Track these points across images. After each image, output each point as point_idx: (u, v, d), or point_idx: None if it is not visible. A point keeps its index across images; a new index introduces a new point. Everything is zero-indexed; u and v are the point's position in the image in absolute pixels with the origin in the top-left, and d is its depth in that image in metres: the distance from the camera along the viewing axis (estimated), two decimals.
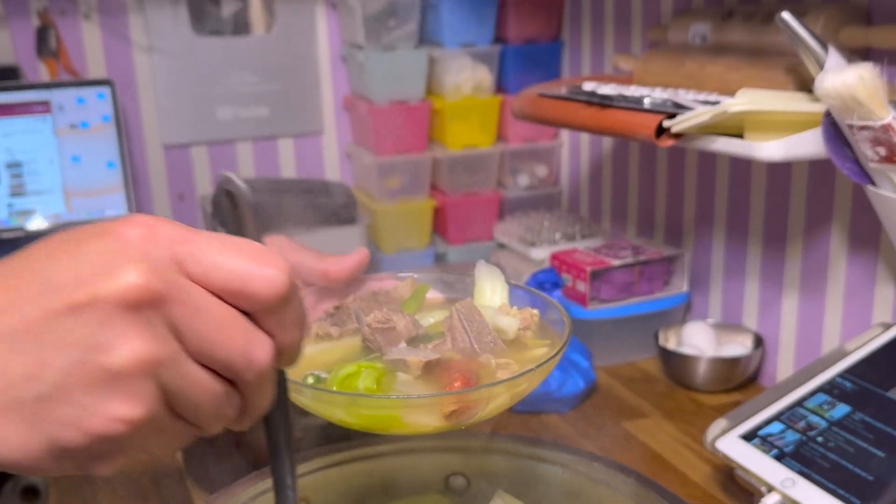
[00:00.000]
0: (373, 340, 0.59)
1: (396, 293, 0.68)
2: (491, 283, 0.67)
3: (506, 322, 0.61)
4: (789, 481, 0.80)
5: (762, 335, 1.14)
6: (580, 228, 1.39)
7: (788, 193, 1.08)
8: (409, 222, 1.47)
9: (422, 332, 0.62)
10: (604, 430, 1.06)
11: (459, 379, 0.55)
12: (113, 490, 0.99)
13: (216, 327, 0.35)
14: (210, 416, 0.37)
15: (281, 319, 0.37)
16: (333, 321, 0.65)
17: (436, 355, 0.57)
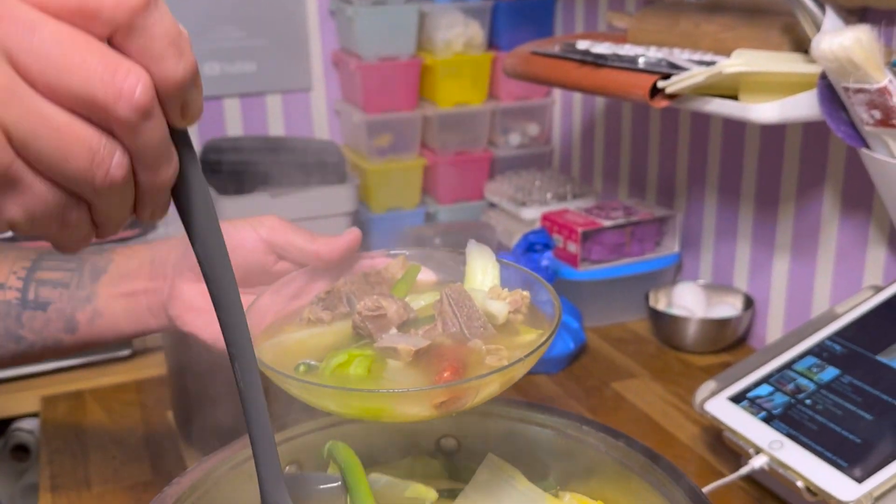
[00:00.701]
0: (363, 328, 0.59)
1: (388, 273, 0.67)
2: (482, 262, 0.65)
3: (496, 307, 0.60)
4: (777, 443, 0.80)
5: (752, 296, 1.14)
6: (571, 188, 1.38)
7: (782, 155, 1.08)
8: (398, 181, 1.46)
9: (413, 315, 0.61)
10: (593, 390, 1.07)
11: (448, 369, 0.54)
12: (104, 449, 1.00)
13: (59, 48, 0.28)
14: (80, 170, 0.29)
15: (146, 43, 0.30)
16: (325, 305, 0.64)
17: (426, 342, 0.57)
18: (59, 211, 0.31)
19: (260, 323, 0.63)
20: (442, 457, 0.74)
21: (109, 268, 0.70)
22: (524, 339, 0.60)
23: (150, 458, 0.98)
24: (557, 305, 0.61)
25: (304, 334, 0.63)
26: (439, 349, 0.57)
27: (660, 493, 0.64)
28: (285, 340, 0.62)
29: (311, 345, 0.61)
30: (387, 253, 0.69)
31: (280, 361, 0.58)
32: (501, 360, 0.55)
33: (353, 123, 1.48)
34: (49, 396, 1.09)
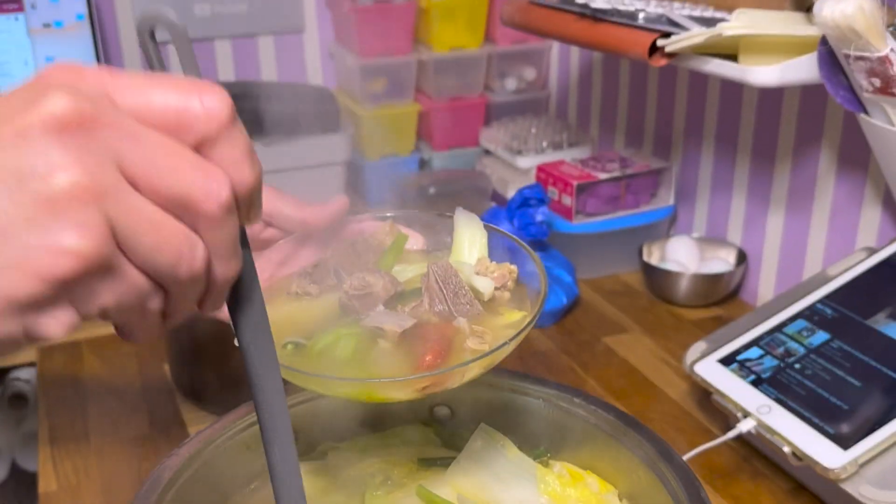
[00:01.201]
0: (350, 306, 0.59)
1: (375, 239, 0.67)
2: (469, 232, 0.65)
3: (481, 283, 0.60)
4: (765, 407, 0.82)
5: (746, 251, 1.14)
6: (567, 136, 1.37)
7: (780, 110, 1.07)
8: (393, 127, 1.44)
9: (400, 289, 0.61)
10: (584, 345, 1.08)
11: (432, 352, 0.55)
12: (102, 401, 1.01)
13: (160, 155, 0.32)
14: (170, 262, 0.33)
15: (228, 153, 0.34)
16: (312, 279, 0.64)
17: (411, 321, 0.57)
18: (143, 301, 0.34)
19: None
20: (435, 425, 0.75)
21: None
22: (509, 319, 0.60)
23: (147, 411, 0.99)
24: (543, 279, 0.61)
25: (292, 308, 0.63)
26: (425, 328, 0.58)
27: (648, 468, 0.65)
28: (273, 315, 0.60)
29: (300, 319, 0.61)
30: (374, 216, 0.69)
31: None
32: (483, 345, 0.55)
33: (346, 67, 1.45)
34: (46, 346, 1.10)
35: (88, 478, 0.89)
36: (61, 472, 0.90)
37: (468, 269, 0.61)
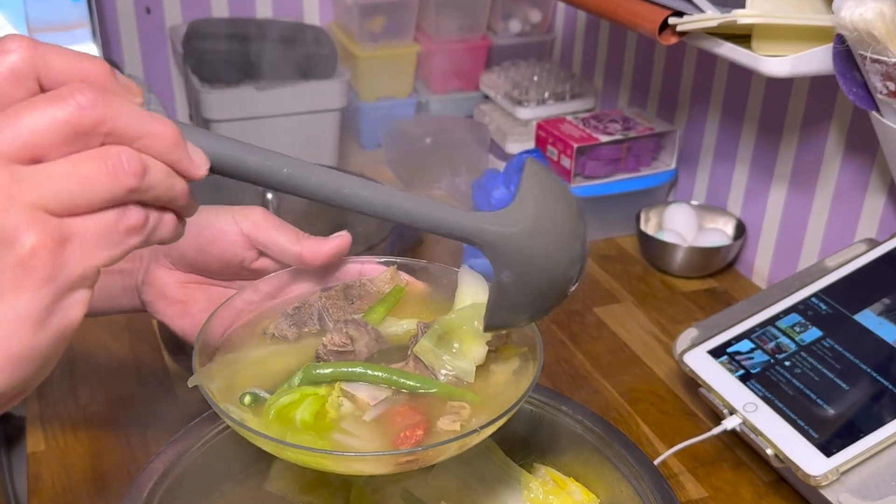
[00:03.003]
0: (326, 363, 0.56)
1: (373, 286, 0.63)
2: (473, 291, 0.60)
3: (474, 348, 0.56)
4: (751, 405, 0.82)
5: (745, 222, 1.13)
6: (571, 87, 1.33)
7: (791, 85, 1.03)
8: (391, 68, 1.39)
9: (384, 346, 0.58)
10: (574, 315, 1.07)
11: (421, 427, 0.51)
12: (89, 357, 1.01)
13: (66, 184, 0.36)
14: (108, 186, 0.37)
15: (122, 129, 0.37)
16: (293, 321, 0.60)
17: (385, 394, 0.54)
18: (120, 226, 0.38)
19: (226, 325, 0.60)
20: None
21: None
22: (501, 378, 0.57)
23: (135, 369, 0.99)
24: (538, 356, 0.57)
25: (263, 353, 0.59)
26: (399, 404, 0.54)
27: (630, 484, 0.65)
28: (241, 359, 0.58)
29: (268, 367, 0.58)
30: (378, 261, 0.66)
31: (231, 384, 0.55)
32: (455, 424, 0.52)
33: (344, 4, 1.39)
34: None
35: (76, 439, 0.89)
36: (49, 431, 0.90)
37: (467, 326, 0.57)
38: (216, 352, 0.58)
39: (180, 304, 0.65)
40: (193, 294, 0.66)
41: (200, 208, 0.64)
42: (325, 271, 0.64)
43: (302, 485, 0.71)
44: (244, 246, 0.63)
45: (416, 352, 0.55)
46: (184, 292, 0.65)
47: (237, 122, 1.25)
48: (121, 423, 0.91)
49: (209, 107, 1.24)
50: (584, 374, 0.98)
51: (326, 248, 0.62)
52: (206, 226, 0.63)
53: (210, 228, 0.63)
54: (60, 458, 0.86)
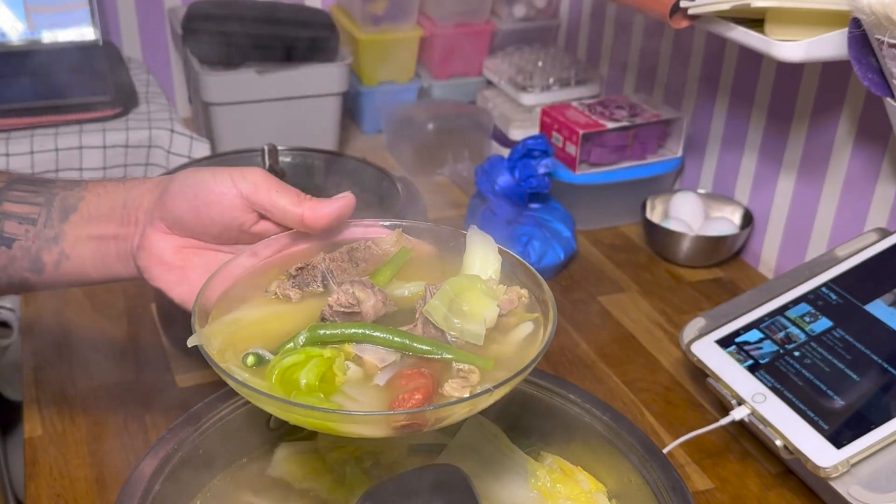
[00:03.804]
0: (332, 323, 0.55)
1: (378, 248, 0.61)
2: (482, 252, 0.60)
3: (486, 310, 0.55)
4: (760, 396, 0.80)
5: (752, 211, 1.11)
6: (576, 73, 1.31)
7: (802, 71, 1.01)
8: (393, 53, 1.37)
9: (392, 308, 0.56)
10: (579, 304, 1.06)
11: (422, 391, 0.49)
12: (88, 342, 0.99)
13: None
14: None
15: None
16: (295, 282, 0.58)
17: (394, 358, 0.52)
18: None
19: (224, 288, 0.58)
20: None
21: (80, 206, 0.65)
22: (515, 336, 0.56)
23: (133, 354, 0.98)
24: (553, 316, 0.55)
25: (265, 312, 0.57)
26: (407, 367, 0.53)
27: (639, 474, 0.64)
28: (243, 318, 0.57)
29: (271, 328, 0.56)
30: (383, 223, 0.64)
31: (232, 344, 0.54)
32: (464, 390, 0.51)
33: None
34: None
35: (74, 424, 0.88)
36: (46, 416, 0.89)
37: (478, 287, 0.56)
38: (215, 311, 0.57)
39: (178, 270, 0.62)
40: (191, 259, 0.63)
41: (197, 170, 0.62)
42: (328, 234, 0.62)
43: (305, 472, 0.70)
44: (243, 209, 0.61)
45: (426, 311, 0.54)
46: (181, 257, 0.63)
47: (237, 106, 1.23)
48: (119, 408, 0.89)
49: (209, 90, 1.22)
50: (588, 363, 0.96)
51: (329, 210, 0.60)
52: (202, 188, 0.60)
53: (207, 191, 0.60)
54: (58, 443, 0.85)
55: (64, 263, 0.65)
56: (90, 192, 0.66)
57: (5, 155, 1.10)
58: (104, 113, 1.15)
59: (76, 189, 0.66)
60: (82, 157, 1.12)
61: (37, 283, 0.67)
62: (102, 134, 1.13)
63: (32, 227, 0.64)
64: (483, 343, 0.54)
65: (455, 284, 0.55)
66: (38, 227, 0.65)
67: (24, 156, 1.10)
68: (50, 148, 1.11)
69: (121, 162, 1.15)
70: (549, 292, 0.57)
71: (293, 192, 0.61)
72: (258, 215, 0.62)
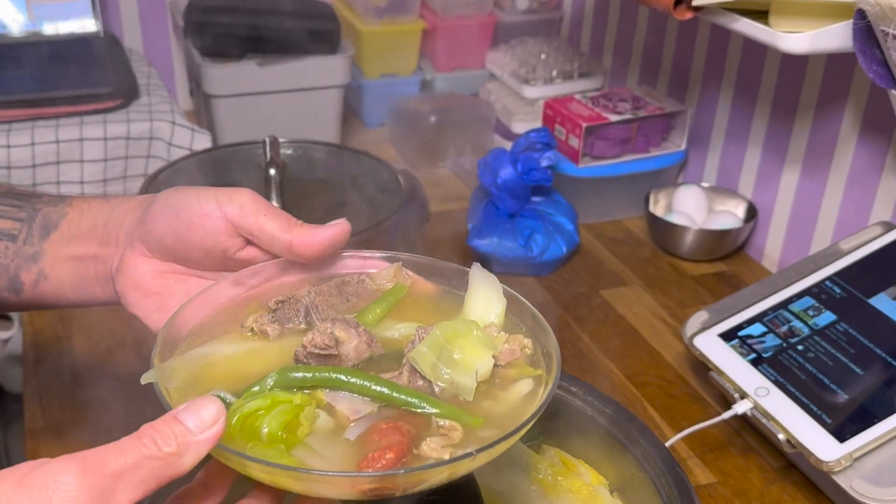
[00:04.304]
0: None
1: (372, 284, 0.56)
2: (485, 295, 0.54)
3: (480, 360, 0.49)
4: (763, 390, 0.80)
5: (756, 205, 1.11)
6: (579, 66, 1.31)
7: (806, 64, 1.01)
8: (395, 45, 1.37)
9: (377, 352, 0.51)
10: (581, 297, 1.05)
11: (395, 450, 0.44)
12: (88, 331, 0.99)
13: None
14: None
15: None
16: (275, 317, 0.53)
17: (370, 409, 0.47)
18: None
19: (199, 318, 0.53)
20: None
21: (61, 224, 0.60)
22: (513, 394, 0.49)
23: (134, 346, 0.97)
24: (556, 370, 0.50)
25: (237, 349, 0.52)
26: (384, 420, 0.47)
27: (641, 467, 0.64)
28: (212, 354, 0.51)
29: (241, 367, 0.50)
30: (381, 256, 0.59)
31: (196, 382, 0.49)
32: (443, 451, 0.44)
33: None
34: None
35: (75, 416, 0.88)
36: (47, 408, 0.88)
37: (474, 333, 0.50)
38: (186, 343, 0.52)
39: (156, 297, 0.57)
40: (171, 286, 0.58)
41: (181, 189, 0.57)
42: (321, 265, 0.58)
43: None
44: (227, 233, 0.56)
45: (412, 359, 0.48)
46: (160, 283, 0.57)
47: (238, 98, 1.23)
48: (120, 400, 0.89)
49: (210, 82, 1.21)
50: (590, 357, 0.96)
51: (321, 238, 0.54)
52: (184, 209, 0.55)
53: (189, 212, 0.55)
54: (59, 435, 0.84)
55: (42, 283, 0.61)
56: (74, 208, 0.61)
57: (6, 147, 1.09)
58: (105, 105, 1.14)
59: (60, 205, 0.62)
60: (83, 148, 1.12)
61: (15, 303, 0.62)
62: (103, 126, 1.13)
63: (12, 244, 0.60)
64: (474, 398, 0.48)
65: (447, 329, 0.49)
66: (17, 245, 0.60)
67: (25, 147, 1.10)
68: (51, 140, 1.11)
69: (122, 154, 1.15)
70: (555, 343, 0.51)
71: (282, 217, 0.56)
72: (244, 240, 0.57)
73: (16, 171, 1.11)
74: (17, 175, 1.11)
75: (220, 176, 1.04)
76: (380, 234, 0.95)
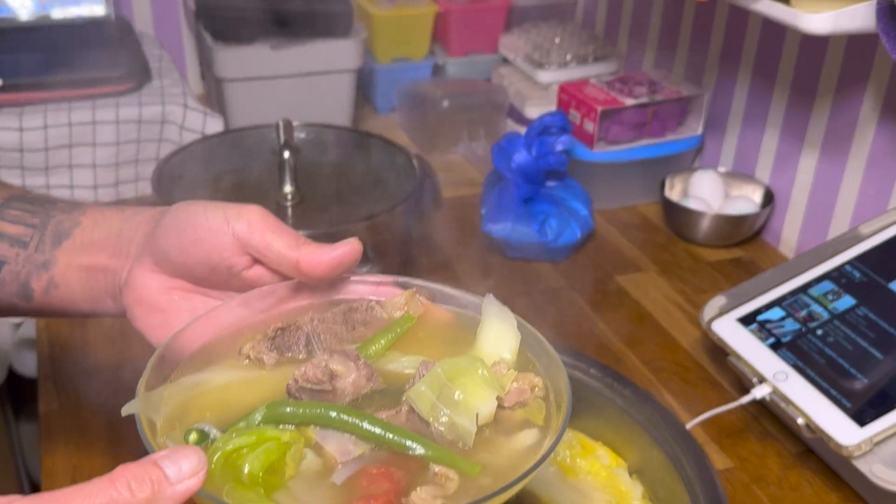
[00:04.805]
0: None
1: (382, 312, 0.53)
2: (497, 329, 0.50)
3: (482, 402, 0.45)
4: (782, 374, 0.79)
5: (774, 190, 1.09)
6: (594, 50, 1.29)
7: (826, 46, 0.99)
8: (408, 29, 1.36)
9: (379, 387, 0.48)
10: (596, 283, 1.05)
11: (381, 500, 0.41)
12: None
13: None
14: None
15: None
16: (273, 344, 0.50)
17: (360, 451, 0.44)
18: None
19: (198, 343, 0.51)
20: None
21: (74, 232, 0.59)
22: (507, 449, 0.45)
23: None
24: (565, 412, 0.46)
25: (231, 378, 0.49)
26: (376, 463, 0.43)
27: (661, 449, 0.63)
28: (206, 382, 0.48)
29: (234, 397, 0.47)
30: (396, 281, 0.55)
31: (185, 413, 0.46)
32: (434, 501, 0.41)
33: None
34: None
35: (89, 397, 0.88)
36: (62, 390, 0.88)
37: (478, 372, 0.46)
38: (184, 367, 0.49)
39: (160, 313, 0.55)
40: (177, 303, 0.56)
41: (190, 203, 0.55)
42: (331, 289, 0.55)
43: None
44: (234, 250, 0.54)
45: (409, 398, 0.45)
46: (166, 300, 0.56)
47: (250, 82, 1.22)
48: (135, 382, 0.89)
49: (222, 65, 1.21)
50: (605, 342, 0.95)
51: (329, 257, 0.52)
52: (191, 223, 0.54)
53: (195, 227, 0.53)
54: (74, 417, 0.84)
55: (52, 291, 0.59)
56: (88, 217, 0.60)
57: (18, 130, 1.09)
58: (117, 88, 1.14)
59: (74, 213, 0.60)
60: (95, 131, 1.11)
61: (27, 309, 0.61)
62: (115, 109, 1.12)
63: (23, 251, 0.59)
64: (474, 442, 0.44)
65: (450, 367, 0.46)
66: (28, 251, 0.59)
67: (38, 130, 1.10)
68: (63, 123, 1.10)
69: (134, 137, 1.14)
70: (566, 384, 0.47)
71: (291, 235, 0.53)
72: (251, 259, 0.55)
73: (28, 155, 1.10)
74: (29, 158, 1.10)
75: (233, 160, 1.04)
76: (394, 219, 0.94)
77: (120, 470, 0.38)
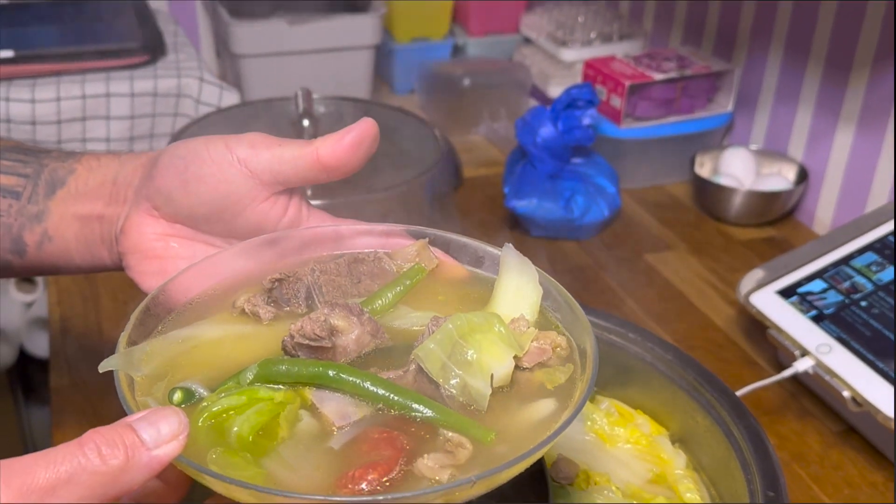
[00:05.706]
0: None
1: (392, 263, 0.49)
2: (517, 282, 0.46)
3: (497, 361, 0.41)
4: (825, 347, 0.76)
5: (808, 168, 1.06)
6: (619, 28, 1.26)
7: (863, 16, 0.96)
8: (427, 8, 1.33)
9: (385, 344, 0.43)
10: (624, 262, 1.01)
11: (380, 468, 0.37)
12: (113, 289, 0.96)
13: None
14: None
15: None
16: (270, 297, 0.46)
17: (361, 414, 0.39)
18: None
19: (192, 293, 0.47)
20: None
21: (68, 180, 0.56)
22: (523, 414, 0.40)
23: None
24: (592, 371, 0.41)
25: (223, 333, 0.44)
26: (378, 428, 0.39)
27: (706, 413, 0.60)
28: (196, 337, 0.44)
29: (225, 354, 0.43)
30: (407, 230, 0.51)
31: (172, 370, 0.42)
32: (444, 471, 0.37)
33: None
34: None
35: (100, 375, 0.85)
36: (73, 366, 0.86)
37: (495, 329, 0.42)
38: (173, 319, 0.45)
39: (156, 260, 0.51)
40: (174, 250, 0.52)
41: (189, 140, 0.51)
42: (340, 242, 0.51)
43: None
44: (241, 180, 0.49)
45: (417, 356, 0.40)
46: (163, 246, 0.52)
47: (266, 58, 1.19)
48: None
49: (237, 41, 1.18)
50: (635, 320, 0.91)
51: (346, 140, 0.48)
52: (193, 159, 0.50)
53: (199, 161, 0.49)
54: (85, 392, 0.82)
55: (46, 245, 0.56)
56: (83, 164, 0.56)
57: (31, 101, 1.07)
58: (132, 60, 1.11)
59: (69, 161, 0.57)
60: (109, 104, 1.09)
61: (20, 266, 0.58)
62: (130, 82, 1.09)
63: (16, 202, 0.55)
64: (488, 406, 0.40)
65: (463, 323, 0.41)
66: (21, 202, 0.55)
67: (51, 102, 1.07)
68: (77, 95, 1.08)
69: (149, 111, 1.11)
70: (593, 345, 0.42)
71: (297, 141, 0.50)
72: (260, 188, 0.50)
73: (41, 127, 1.08)
74: (42, 131, 1.08)
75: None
76: (415, 191, 0.91)
77: (90, 434, 0.34)
